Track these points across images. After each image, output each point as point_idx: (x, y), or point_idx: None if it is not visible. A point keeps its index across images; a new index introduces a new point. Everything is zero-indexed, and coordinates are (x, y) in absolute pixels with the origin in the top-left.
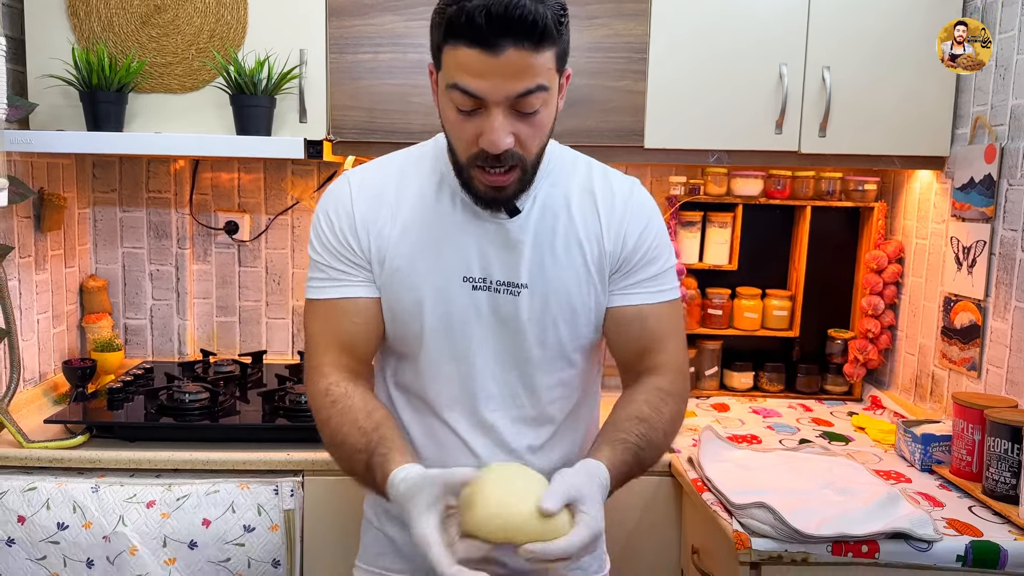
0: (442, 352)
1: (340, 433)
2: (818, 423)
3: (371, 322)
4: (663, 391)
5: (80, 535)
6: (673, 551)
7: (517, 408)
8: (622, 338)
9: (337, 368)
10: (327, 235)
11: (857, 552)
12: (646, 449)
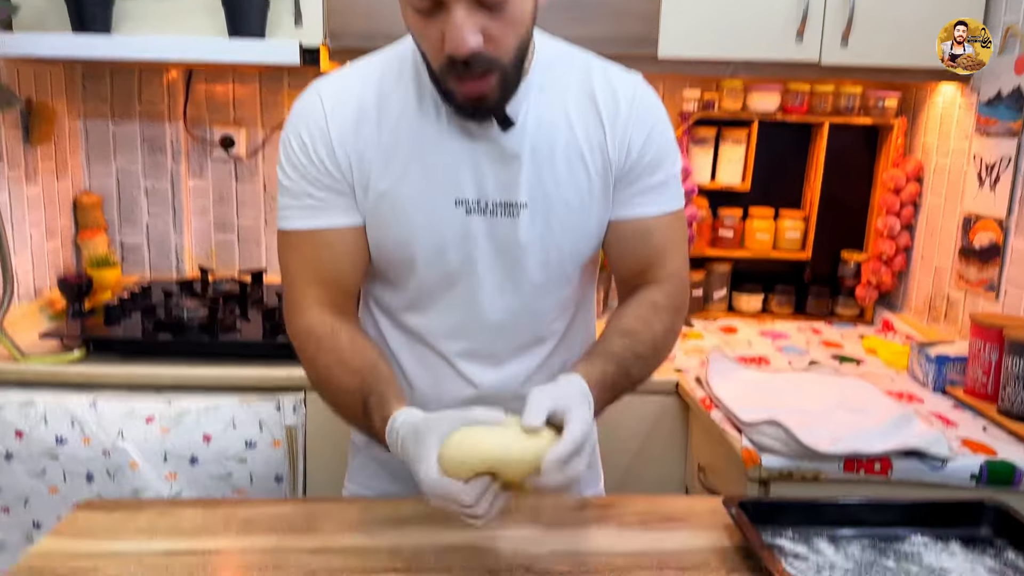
0: (435, 282)
1: (328, 374)
2: (828, 345)
3: (355, 252)
4: (656, 305)
5: (79, 449)
6: (678, 469)
7: (515, 335)
8: (623, 252)
9: (320, 304)
10: (299, 158)
11: (869, 469)
12: (631, 361)
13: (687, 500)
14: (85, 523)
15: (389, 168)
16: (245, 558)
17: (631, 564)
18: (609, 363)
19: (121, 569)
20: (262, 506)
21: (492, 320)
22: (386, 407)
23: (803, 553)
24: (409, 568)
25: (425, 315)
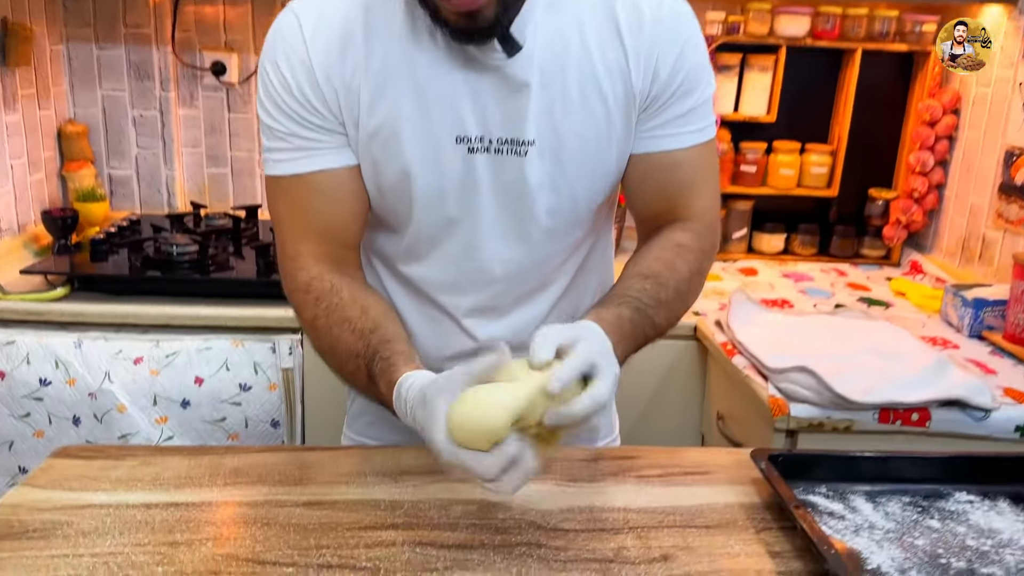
0: (434, 229)
1: (331, 336)
2: (854, 288)
3: (353, 197)
4: (682, 246)
5: (64, 392)
6: (694, 417)
7: (522, 285)
8: (645, 189)
9: (317, 259)
10: (280, 95)
11: (906, 420)
12: (653, 307)
13: (711, 452)
14: (60, 472)
15: (380, 102)
16: (230, 512)
17: (651, 522)
18: (625, 306)
19: (96, 523)
20: (252, 454)
21: (494, 269)
22: (391, 372)
23: (838, 511)
24: (409, 524)
25: (422, 264)
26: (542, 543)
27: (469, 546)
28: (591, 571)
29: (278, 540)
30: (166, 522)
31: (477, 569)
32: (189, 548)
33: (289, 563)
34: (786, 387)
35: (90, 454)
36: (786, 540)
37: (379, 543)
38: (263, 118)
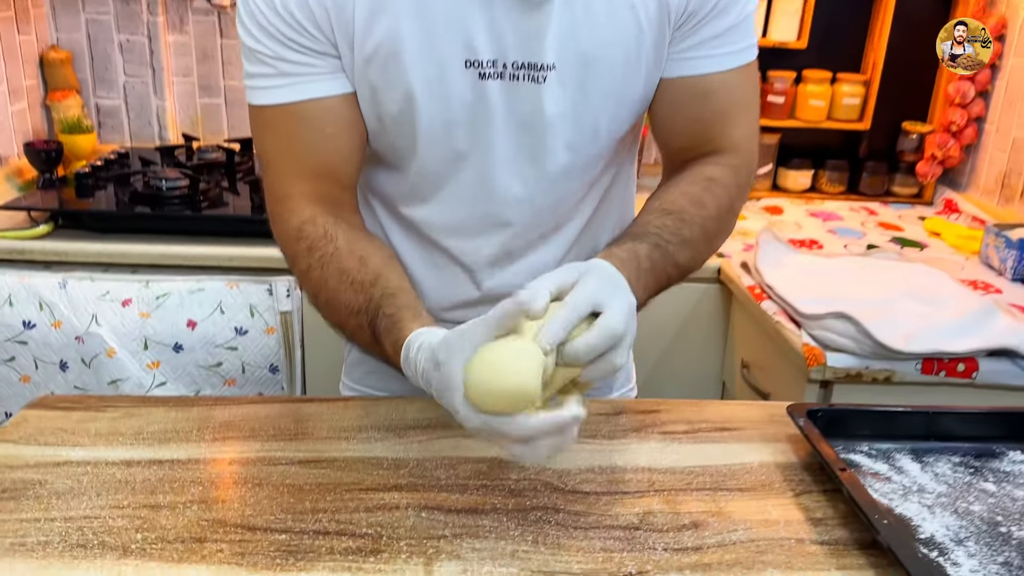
0: (440, 166)
1: (327, 290)
2: (885, 228)
3: (348, 130)
4: (713, 180)
5: (50, 335)
6: (714, 365)
7: (537, 227)
8: (676, 119)
9: (310, 200)
10: (263, 11)
11: (951, 371)
12: (675, 245)
13: (742, 406)
14: (35, 425)
15: (378, 19)
16: (218, 470)
17: (678, 483)
18: (642, 242)
19: (71, 483)
20: (244, 406)
21: (507, 210)
22: (397, 330)
23: (884, 472)
24: (414, 485)
25: (427, 205)
26: (560, 507)
27: (479, 510)
28: (614, 539)
29: (270, 503)
30: (148, 482)
31: (489, 536)
32: (172, 512)
33: (282, 529)
34: (821, 335)
35: (68, 405)
36: (828, 505)
37: (381, 506)
38: (244, 40)
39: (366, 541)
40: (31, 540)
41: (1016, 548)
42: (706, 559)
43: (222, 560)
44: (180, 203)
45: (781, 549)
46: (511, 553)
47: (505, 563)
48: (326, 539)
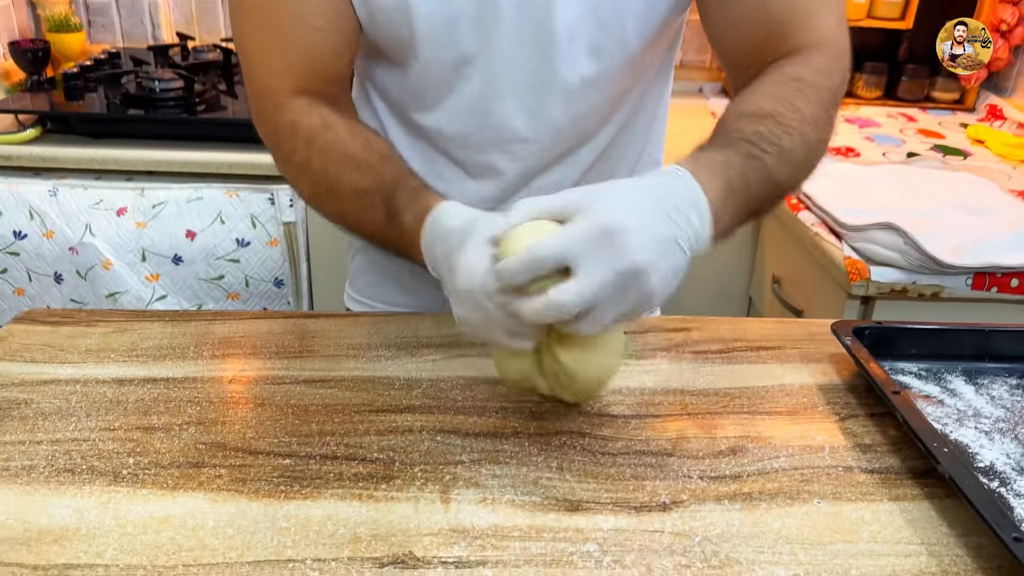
0: (444, 71)
1: (327, 177)
2: (926, 135)
3: (341, 22)
4: (803, 82)
5: (42, 246)
6: (741, 280)
7: (552, 145)
8: (740, 17)
9: (299, 95)
10: None
11: (1004, 287)
12: (773, 155)
13: (779, 324)
14: (21, 340)
15: None
16: (218, 390)
17: (712, 406)
18: (733, 150)
19: (59, 403)
20: (245, 321)
21: (519, 125)
22: (423, 199)
23: (935, 394)
24: (429, 407)
25: (431, 113)
26: (585, 431)
27: (499, 434)
28: (646, 466)
29: (273, 425)
30: (141, 402)
31: (510, 462)
32: (167, 434)
33: (286, 453)
34: (865, 247)
35: (57, 319)
36: (877, 431)
37: (393, 430)
38: None
39: (377, 467)
40: (15, 464)
41: None
42: (746, 488)
43: (221, 486)
44: (175, 106)
45: (828, 478)
46: (534, 480)
47: (528, 491)
48: (334, 464)
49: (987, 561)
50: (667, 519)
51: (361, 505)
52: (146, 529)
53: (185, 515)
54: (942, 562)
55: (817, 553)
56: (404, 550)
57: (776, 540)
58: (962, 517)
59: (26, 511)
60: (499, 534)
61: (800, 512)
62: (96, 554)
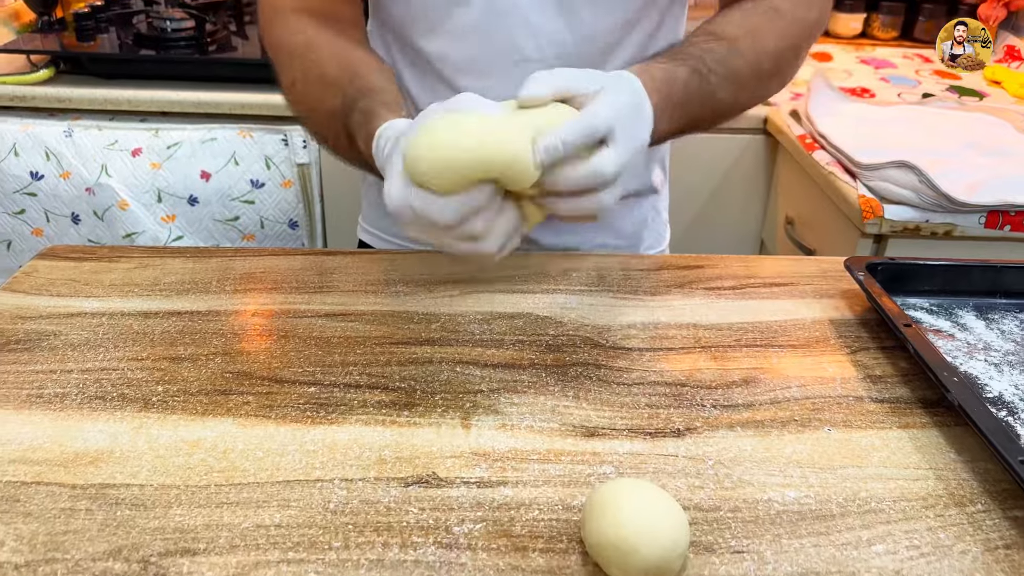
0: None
1: (308, 97)
2: (942, 76)
3: None
4: (777, 12)
5: (59, 186)
6: (754, 222)
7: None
8: None
9: (302, 13)
10: None
11: (1017, 225)
12: (719, 75)
13: (792, 262)
14: (45, 275)
15: None
16: (241, 323)
17: (725, 340)
18: (682, 65)
19: (87, 334)
20: (264, 257)
21: (525, 45)
22: (371, 122)
23: (946, 329)
24: (447, 340)
25: (437, 38)
26: (601, 363)
27: (517, 365)
28: (660, 395)
29: (297, 356)
30: (167, 333)
31: (527, 392)
32: (194, 364)
33: (311, 382)
34: (879, 186)
35: (79, 255)
36: (888, 363)
37: (413, 360)
38: None
39: (400, 395)
40: (47, 392)
41: None
42: (758, 416)
43: (249, 412)
44: (186, 46)
45: (838, 407)
46: (551, 408)
47: (545, 418)
48: (358, 392)
49: (993, 485)
50: (681, 444)
51: (385, 430)
52: (178, 452)
53: (215, 439)
54: (949, 485)
55: (827, 476)
56: (428, 471)
57: (787, 464)
58: (969, 443)
59: (61, 435)
60: (518, 457)
61: (811, 439)
62: (131, 475)
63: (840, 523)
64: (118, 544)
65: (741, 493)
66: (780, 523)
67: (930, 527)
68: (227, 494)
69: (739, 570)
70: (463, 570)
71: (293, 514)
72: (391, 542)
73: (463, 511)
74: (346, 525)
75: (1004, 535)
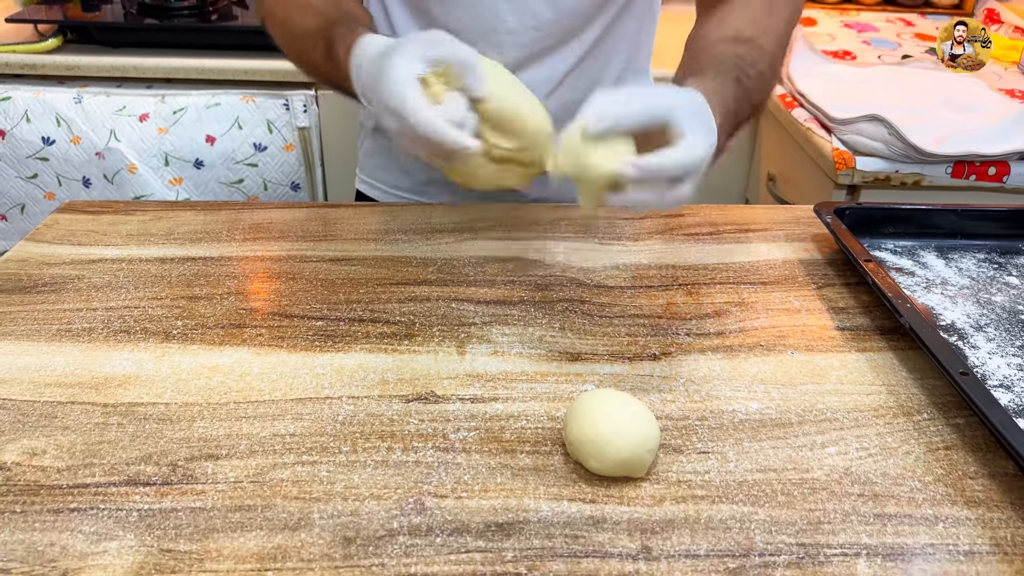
0: None
1: (288, 24)
2: (922, 39)
3: None
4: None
5: (70, 151)
6: (738, 180)
7: (538, 39)
8: None
9: None
10: None
11: (982, 175)
12: (752, 80)
13: (768, 210)
14: (67, 227)
15: None
16: (251, 266)
17: (702, 279)
18: (728, 78)
19: (108, 277)
20: (271, 210)
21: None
22: (355, 32)
23: (908, 267)
24: (443, 280)
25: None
26: (586, 299)
27: (508, 301)
28: (639, 326)
29: (305, 294)
30: (183, 276)
31: (517, 324)
32: (210, 302)
33: (319, 316)
34: (852, 139)
35: (97, 209)
36: (851, 296)
37: (412, 298)
38: None
39: (400, 327)
40: (75, 327)
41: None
42: (728, 342)
43: (262, 343)
44: (189, 15)
45: (802, 334)
46: (539, 338)
47: (533, 346)
48: (361, 325)
49: (939, 397)
50: (656, 366)
51: (387, 357)
52: (199, 376)
53: (232, 364)
54: (899, 399)
55: (788, 392)
56: (427, 390)
57: (752, 382)
58: (921, 364)
59: (91, 363)
60: (508, 378)
61: (775, 360)
62: (156, 395)
63: (797, 429)
64: (148, 451)
65: (708, 405)
66: (743, 429)
67: (879, 432)
68: (245, 410)
69: (704, 467)
70: (459, 468)
71: (306, 425)
72: (394, 447)
73: (458, 421)
74: (353, 434)
75: (945, 439)
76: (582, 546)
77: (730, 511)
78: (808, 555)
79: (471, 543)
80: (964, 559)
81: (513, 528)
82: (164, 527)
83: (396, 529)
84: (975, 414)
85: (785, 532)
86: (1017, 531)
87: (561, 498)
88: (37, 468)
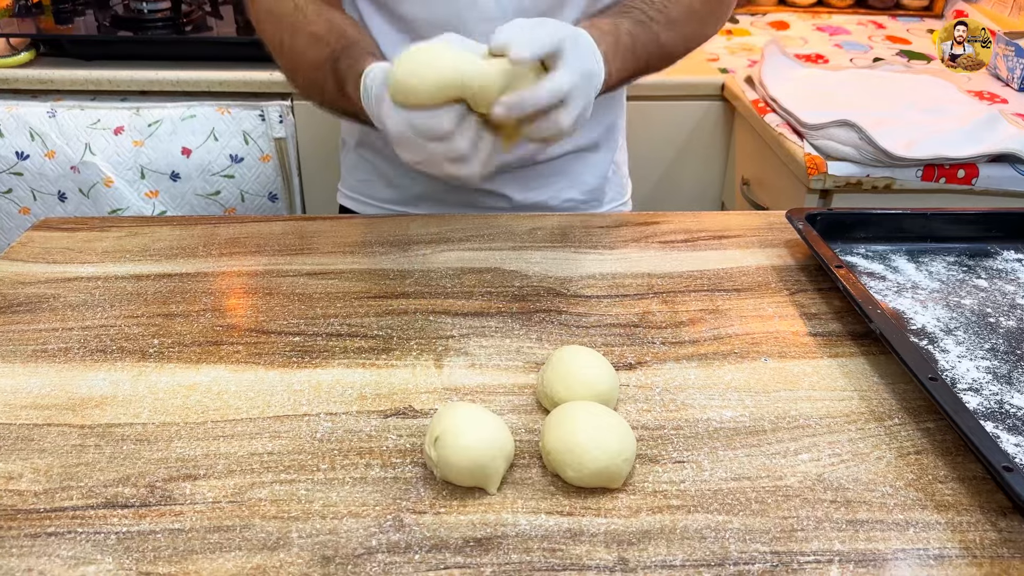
0: None
1: (295, 54)
2: (893, 41)
3: None
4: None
5: (44, 165)
6: (715, 184)
7: None
8: None
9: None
10: None
11: (951, 178)
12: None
13: (741, 216)
14: (41, 245)
15: None
16: (228, 282)
17: (676, 286)
18: (625, 17)
19: (84, 296)
20: (247, 224)
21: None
22: (358, 65)
23: (879, 271)
24: (421, 293)
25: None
26: (563, 309)
27: (485, 313)
28: (615, 335)
29: (282, 310)
30: (159, 293)
31: (494, 336)
32: (186, 319)
33: (295, 332)
34: (823, 144)
35: (72, 226)
36: (823, 302)
37: (390, 312)
38: None
39: (377, 341)
40: (51, 347)
41: (1003, 335)
42: (702, 350)
43: (239, 360)
44: (163, 26)
45: (775, 340)
46: (516, 349)
47: (511, 357)
48: (339, 340)
49: (910, 402)
50: (632, 375)
51: (365, 372)
52: (175, 395)
53: (209, 383)
54: (870, 404)
55: (761, 399)
56: (405, 404)
57: (726, 389)
58: (892, 369)
59: (67, 384)
60: (486, 391)
61: (748, 368)
62: (134, 415)
63: (771, 437)
64: (126, 473)
65: (684, 414)
66: (717, 437)
67: (851, 438)
68: (223, 429)
69: (680, 476)
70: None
71: (284, 443)
72: (372, 463)
73: None
74: (332, 450)
75: (916, 443)
76: (560, 559)
77: (705, 520)
78: (782, 563)
79: (450, 559)
80: (935, 563)
81: (491, 543)
82: (143, 549)
83: (375, 547)
84: (944, 418)
85: (759, 540)
86: (986, 534)
87: (539, 511)
88: (14, 492)
